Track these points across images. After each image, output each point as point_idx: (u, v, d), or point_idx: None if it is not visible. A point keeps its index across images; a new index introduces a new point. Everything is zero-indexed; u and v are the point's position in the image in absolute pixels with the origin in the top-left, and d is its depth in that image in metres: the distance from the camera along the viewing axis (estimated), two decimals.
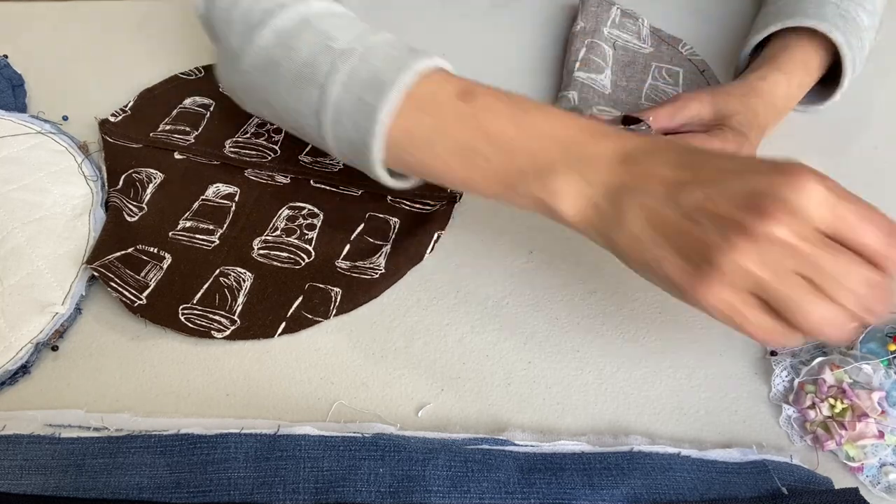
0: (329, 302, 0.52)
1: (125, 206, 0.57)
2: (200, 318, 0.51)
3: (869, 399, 0.43)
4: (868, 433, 0.43)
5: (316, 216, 0.58)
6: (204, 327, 0.50)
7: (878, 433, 0.43)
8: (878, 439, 0.43)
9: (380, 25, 0.50)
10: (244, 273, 0.54)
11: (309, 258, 0.55)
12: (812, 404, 0.45)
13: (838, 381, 0.45)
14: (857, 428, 0.43)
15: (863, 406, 0.43)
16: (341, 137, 0.47)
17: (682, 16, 0.76)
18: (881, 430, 0.43)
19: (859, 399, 0.44)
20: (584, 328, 0.51)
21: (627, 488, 0.41)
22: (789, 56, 0.59)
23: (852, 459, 0.43)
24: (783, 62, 0.59)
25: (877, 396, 0.43)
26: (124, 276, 0.52)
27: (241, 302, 0.52)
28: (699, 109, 0.54)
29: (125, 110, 0.66)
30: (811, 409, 0.45)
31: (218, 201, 0.59)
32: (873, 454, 0.43)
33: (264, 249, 0.55)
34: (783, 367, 0.48)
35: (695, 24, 0.75)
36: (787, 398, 0.47)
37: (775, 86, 0.57)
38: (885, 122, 0.66)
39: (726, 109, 0.54)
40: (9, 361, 0.48)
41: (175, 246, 0.55)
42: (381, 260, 0.54)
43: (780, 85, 0.58)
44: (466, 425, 0.46)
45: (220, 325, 0.50)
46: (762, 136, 0.56)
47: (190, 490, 0.41)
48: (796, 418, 0.46)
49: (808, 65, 0.59)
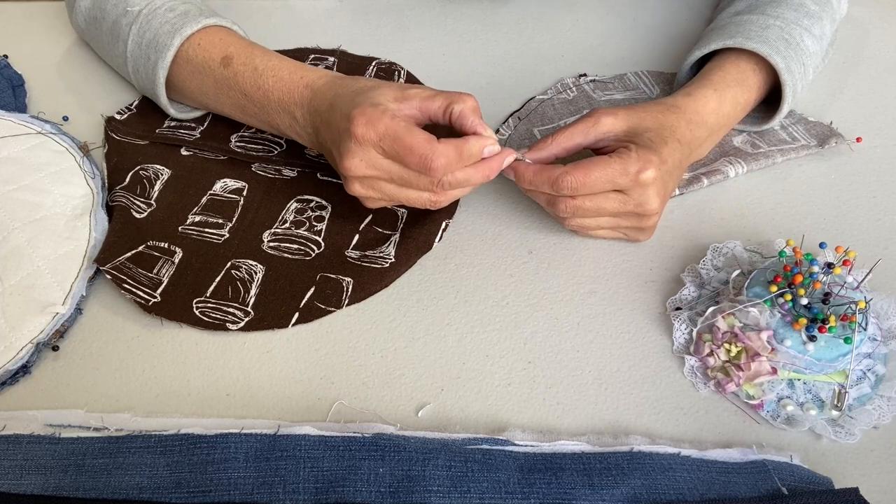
0: (341, 292, 0.53)
1: (133, 203, 0.58)
2: (214, 310, 0.51)
3: (759, 339, 0.46)
4: (762, 371, 0.46)
5: (324, 208, 0.58)
6: (218, 320, 0.51)
7: (772, 370, 0.46)
8: (772, 375, 0.46)
9: (381, 25, 0.50)
10: (255, 265, 0.54)
11: (319, 249, 0.55)
12: (710, 352, 0.48)
13: (730, 326, 0.48)
14: (752, 367, 0.46)
15: (754, 346, 0.46)
16: (141, 85, 0.64)
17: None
18: (774, 366, 0.46)
19: (751, 340, 0.46)
20: (584, 328, 0.51)
21: (627, 488, 0.41)
22: (723, 74, 0.58)
23: (752, 398, 0.46)
24: (715, 79, 0.58)
25: (765, 336, 0.46)
26: (137, 276, 0.53)
27: (253, 294, 0.52)
28: (612, 125, 0.53)
29: (130, 108, 0.66)
30: (710, 357, 0.48)
31: (226, 196, 0.59)
32: (770, 390, 0.46)
33: (274, 242, 0.56)
34: (682, 321, 0.50)
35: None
36: (688, 349, 0.49)
37: (702, 101, 0.56)
38: (885, 122, 0.66)
39: (639, 126, 0.53)
40: (9, 361, 0.48)
41: (185, 240, 0.56)
42: (391, 249, 0.55)
43: (710, 100, 0.57)
44: (466, 425, 0.46)
45: (234, 318, 0.51)
46: (689, 150, 0.55)
47: (190, 490, 0.41)
48: (698, 367, 0.49)
49: (745, 83, 0.59)
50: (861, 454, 0.45)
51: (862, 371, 0.47)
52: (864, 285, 0.49)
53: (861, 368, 0.47)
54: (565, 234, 0.57)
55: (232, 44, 0.59)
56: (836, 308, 0.46)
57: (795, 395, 0.46)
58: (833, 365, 0.45)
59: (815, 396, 0.46)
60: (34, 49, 0.73)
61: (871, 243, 0.55)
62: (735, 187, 0.60)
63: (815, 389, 0.47)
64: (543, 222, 0.58)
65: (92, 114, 0.66)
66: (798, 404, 0.46)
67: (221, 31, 0.61)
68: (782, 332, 0.46)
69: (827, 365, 0.45)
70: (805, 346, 0.45)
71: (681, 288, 0.52)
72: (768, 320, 0.46)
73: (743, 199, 0.59)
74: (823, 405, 0.46)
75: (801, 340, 0.45)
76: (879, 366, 0.47)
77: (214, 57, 0.59)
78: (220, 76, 0.59)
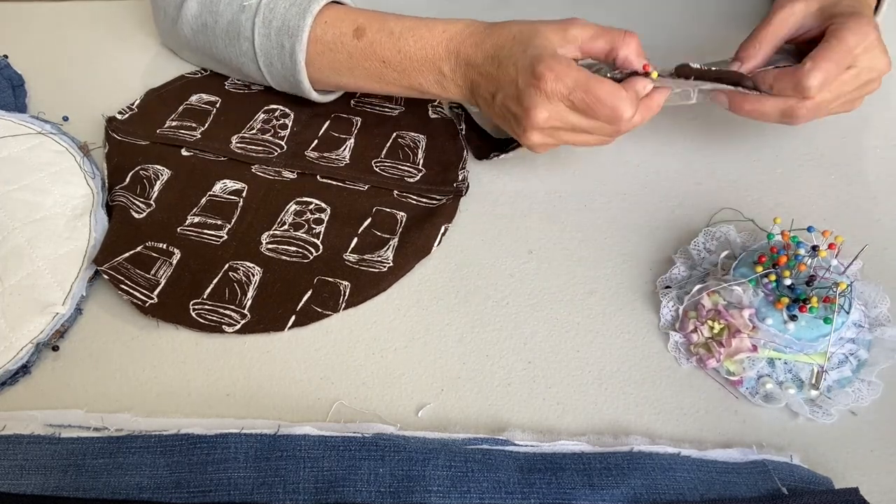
0: (338, 295, 0.52)
1: (132, 203, 0.58)
2: (211, 312, 0.51)
3: (741, 317, 0.47)
4: (743, 347, 0.47)
5: (323, 211, 0.58)
6: (215, 322, 0.51)
7: (752, 347, 0.47)
8: (752, 352, 0.47)
9: None
10: (253, 268, 0.54)
11: (317, 252, 0.55)
12: (694, 328, 0.49)
13: (714, 303, 0.49)
14: (732, 344, 0.47)
15: (737, 323, 0.47)
16: (276, 75, 0.62)
17: None
18: (755, 343, 0.47)
19: (733, 318, 0.47)
20: (584, 328, 0.51)
21: (627, 488, 0.41)
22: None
23: (732, 374, 0.47)
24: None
25: (747, 313, 0.47)
26: (134, 277, 0.53)
27: (250, 296, 0.52)
28: (806, 7, 0.52)
29: (132, 108, 0.66)
30: (694, 333, 0.49)
31: (226, 197, 0.59)
32: (750, 367, 0.47)
33: (272, 244, 0.55)
34: (669, 298, 0.51)
35: None
36: (674, 326, 0.51)
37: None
38: (885, 122, 0.66)
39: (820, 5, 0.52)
40: (9, 361, 0.48)
41: (184, 241, 0.56)
42: (389, 253, 0.55)
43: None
44: (466, 425, 0.46)
45: (230, 320, 0.51)
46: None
47: (190, 490, 0.41)
48: (682, 343, 0.50)
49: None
50: (861, 454, 0.45)
51: (844, 355, 0.48)
52: (856, 274, 0.50)
53: (844, 352, 0.48)
54: (565, 234, 0.57)
55: (360, 15, 0.59)
56: (819, 290, 0.46)
57: (775, 373, 0.47)
58: (813, 345, 0.46)
59: (795, 376, 0.47)
60: (34, 49, 0.73)
61: (871, 243, 0.55)
62: (735, 188, 0.60)
63: (796, 370, 0.47)
64: (543, 222, 0.58)
65: (92, 114, 0.66)
66: (777, 383, 0.47)
67: (341, 7, 0.60)
68: (764, 311, 0.47)
69: (807, 345, 0.46)
70: (786, 326, 0.46)
71: (671, 267, 0.53)
72: (751, 299, 0.47)
73: (743, 199, 0.59)
74: (803, 385, 0.47)
75: (783, 320, 0.46)
76: (862, 351, 0.48)
77: (346, 31, 0.58)
78: (354, 49, 0.58)
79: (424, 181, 0.60)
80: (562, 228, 0.57)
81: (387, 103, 0.67)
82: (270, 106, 0.66)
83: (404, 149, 0.63)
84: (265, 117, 0.65)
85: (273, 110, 0.66)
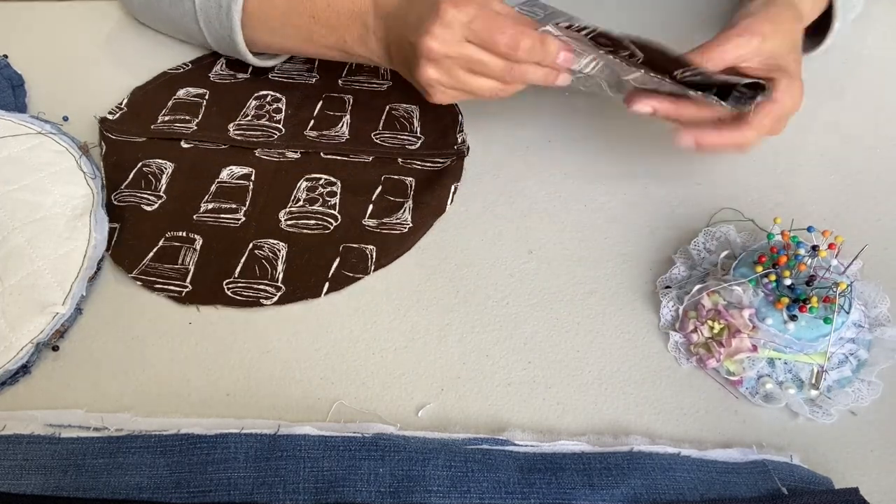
0: (366, 259, 0.54)
1: (141, 199, 0.58)
2: (246, 289, 0.52)
3: (741, 317, 0.47)
4: (743, 347, 0.47)
5: (334, 184, 0.59)
6: (252, 297, 0.52)
7: (752, 347, 0.47)
8: (752, 352, 0.47)
9: None
10: (277, 244, 0.55)
11: (336, 222, 0.57)
12: (694, 328, 0.49)
13: (714, 303, 0.49)
14: (732, 344, 0.47)
15: (737, 323, 0.47)
16: (215, 34, 0.65)
17: None
18: (754, 343, 0.47)
19: (733, 318, 0.47)
20: (584, 328, 0.51)
21: (627, 488, 0.41)
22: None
23: (732, 374, 0.47)
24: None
25: (747, 313, 0.47)
26: (164, 273, 0.53)
27: (280, 270, 0.53)
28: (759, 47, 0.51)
29: (121, 107, 0.66)
30: (694, 333, 0.49)
31: (235, 182, 0.60)
32: (750, 367, 0.47)
33: (291, 220, 0.57)
34: (669, 298, 0.51)
35: None
36: (674, 326, 0.50)
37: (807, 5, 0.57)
38: (885, 122, 0.66)
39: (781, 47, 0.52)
40: (9, 361, 0.48)
41: (202, 227, 0.56)
42: (407, 215, 0.57)
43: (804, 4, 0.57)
44: (466, 425, 0.46)
45: (266, 293, 0.52)
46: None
47: (190, 490, 0.41)
48: (682, 343, 0.50)
49: None
50: (861, 454, 0.45)
51: (844, 355, 0.48)
52: (856, 274, 0.50)
53: (844, 352, 0.48)
54: (565, 234, 0.57)
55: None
56: (819, 290, 0.46)
57: (775, 373, 0.47)
58: (813, 345, 0.46)
59: (795, 377, 0.47)
60: (34, 49, 0.73)
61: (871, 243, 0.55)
62: (735, 188, 0.60)
63: (796, 370, 0.47)
64: (543, 222, 0.58)
65: (92, 114, 0.66)
66: (777, 383, 0.47)
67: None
68: (764, 311, 0.47)
69: (807, 345, 0.46)
70: (786, 326, 0.46)
71: (671, 267, 0.53)
72: (751, 299, 0.47)
73: (743, 199, 0.59)
74: (803, 385, 0.47)
75: (783, 319, 0.46)
76: (862, 351, 0.48)
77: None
78: (287, 6, 0.59)
79: (425, 147, 0.62)
80: (562, 228, 0.57)
81: (374, 79, 0.68)
82: (261, 92, 0.67)
83: (400, 120, 0.65)
84: (257, 103, 0.66)
85: (264, 96, 0.67)
